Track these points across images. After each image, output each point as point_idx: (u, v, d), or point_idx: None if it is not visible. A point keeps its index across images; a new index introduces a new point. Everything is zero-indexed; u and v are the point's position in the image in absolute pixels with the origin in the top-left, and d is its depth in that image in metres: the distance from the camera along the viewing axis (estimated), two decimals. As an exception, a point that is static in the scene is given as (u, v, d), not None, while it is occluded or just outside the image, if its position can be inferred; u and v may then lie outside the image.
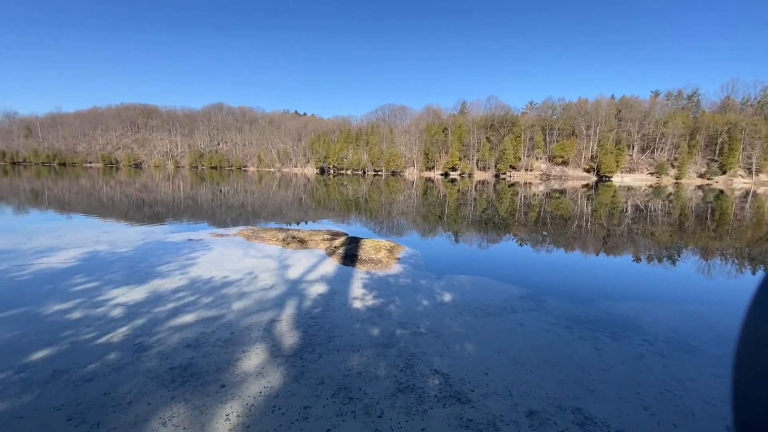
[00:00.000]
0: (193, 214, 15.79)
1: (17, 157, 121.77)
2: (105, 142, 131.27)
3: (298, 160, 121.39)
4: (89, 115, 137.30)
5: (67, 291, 5.40)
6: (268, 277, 6.34)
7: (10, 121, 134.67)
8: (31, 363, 3.47)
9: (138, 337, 4.04)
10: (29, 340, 3.91)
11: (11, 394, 2.99)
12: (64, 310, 4.70)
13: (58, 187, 29.76)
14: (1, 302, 4.91)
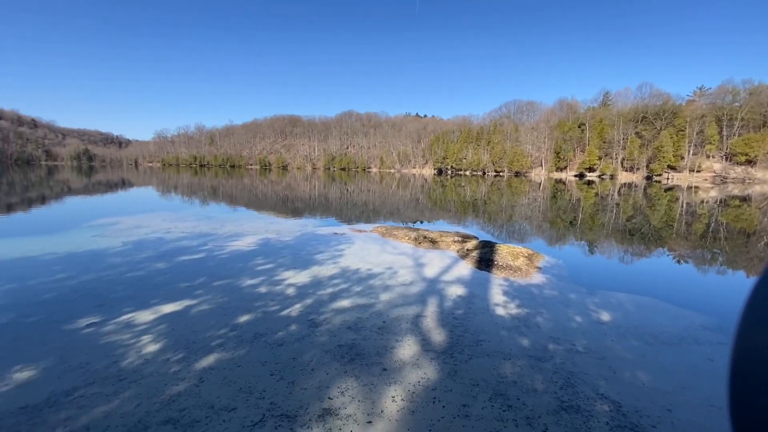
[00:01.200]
0: (324, 210, 17.79)
1: (203, 161, 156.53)
2: (261, 148, 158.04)
3: (416, 161, 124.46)
4: (251, 126, 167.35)
5: (253, 269, 6.72)
6: (407, 273, 6.69)
7: (200, 133, 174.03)
8: (239, 324, 4.44)
9: (309, 314, 4.76)
10: (235, 305, 5.01)
11: (231, 347, 3.88)
12: (254, 285, 5.86)
13: (229, 185, 37.26)
14: (214, 274, 6.41)
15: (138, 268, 6.69)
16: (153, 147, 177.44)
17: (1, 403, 2.90)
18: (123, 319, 4.49)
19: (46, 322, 4.41)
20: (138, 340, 3.97)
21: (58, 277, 6.13)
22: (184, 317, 4.58)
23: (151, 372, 3.35)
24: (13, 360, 3.54)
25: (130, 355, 3.65)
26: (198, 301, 5.14)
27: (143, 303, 5.02)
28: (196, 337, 4.05)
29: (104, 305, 4.94)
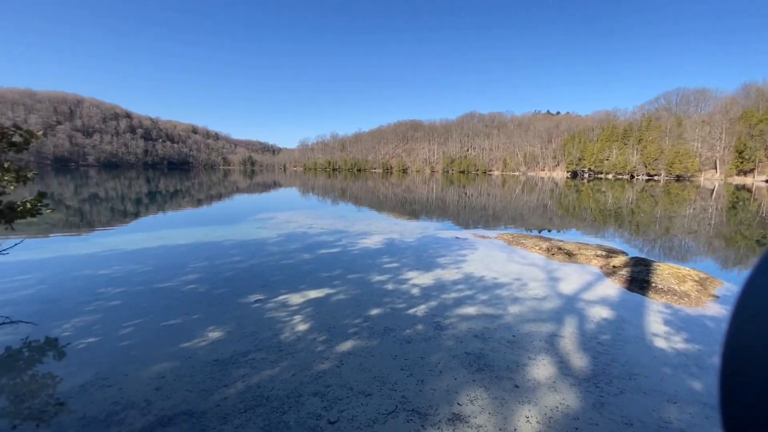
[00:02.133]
0: (441, 213, 17.71)
1: (335, 165, 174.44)
2: (384, 152, 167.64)
3: (545, 163, 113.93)
4: (376, 132, 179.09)
5: (381, 267, 7.17)
6: (539, 286, 6.18)
7: (333, 140, 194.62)
8: (371, 317, 4.78)
9: (434, 316, 4.83)
10: (367, 299, 5.42)
11: (365, 337, 4.21)
12: (382, 281, 6.25)
13: (355, 187, 40.58)
14: (348, 268, 7.08)
15: (289, 257, 7.87)
16: (297, 154, 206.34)
17: (201, 355, 3.78)
18: (280, 299, 5.34)
19: (228, 295, 5.57)
20: (291, 318, 4.67)
21: (234, 260, 7.67)
22: (325, 304, 5.18)
23: (302, 348, 3.90)
24: (208, 322, 4.58)
25: (286, 331, 4.31)
26: (336, 290, 5.75)
27: (294, 287, 5.87)
28: (335, 323, 4.54)
29: (266, 286, 5.97)
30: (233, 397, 3.04)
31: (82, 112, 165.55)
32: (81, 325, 4.44)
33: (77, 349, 3.86)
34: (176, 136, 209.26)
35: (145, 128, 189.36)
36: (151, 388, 3.15)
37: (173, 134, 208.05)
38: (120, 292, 5.64)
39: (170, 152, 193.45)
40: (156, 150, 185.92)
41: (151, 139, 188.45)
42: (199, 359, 3.65)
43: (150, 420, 2.76)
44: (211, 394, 3.08)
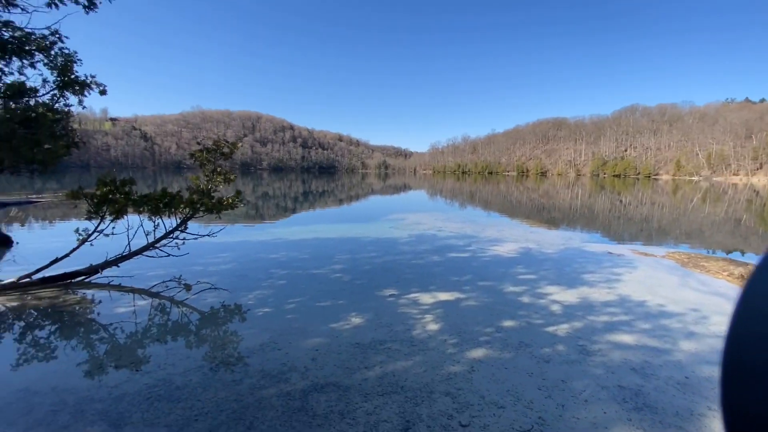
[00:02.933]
0: (588, 223, 15.41)
1: (465, 168, 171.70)
2: (520, 154, 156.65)
3: (740, 166, 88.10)
4: (512, 132, 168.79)
5: (514, 277, 6.77)
6: (726, 323, 4.85)
7: (465, 143, 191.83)
8: (504, 328, 4.58)
9: (579, 338, 4.31)
10: (500, 309, 5.21)
11: (497, 347, 4.06)
12: (517, 293, 5.90)
13: (485, 190, 39.03)
14: (479, 274, 6.93)
15: (420, 258, 8.16)
16: (428, 157, 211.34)
17: (345, 336, 4.27)
18: (412, 297, 5.61)
19: (366, 286, 6.13)
20: (423, 317, 4.85)
21: (371, 255, 8.38)
22: (455, 307, 5.20)
23: (433, 347, 4.01)
24: (351, 308, 5.14)
25: (417, 327, 4.51)
26: (466, 295, 5.70)
27: (425, 287, 6.07)
28: (466, 327, 4.51)
29: (399, 282, 6.34)
30: (372, 379, 3.36)
31: (261, 126, 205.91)
32: (260, 297, 5.57)
33: (257, 316, 4.86)
34: (326, 143, 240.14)
35: (303, 138, 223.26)
36: (308, 358, 3.73)
37: (324, 142, 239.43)
38: (285, 273, 6.83)
39: (321, 158, 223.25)
40: (310, 156, 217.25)
41: (307, 146, 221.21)
42: (344, 340, 4.14)
43: (307, 384, 3.28)
44: (354, 372, 3.47)
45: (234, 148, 7.20)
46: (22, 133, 3.98)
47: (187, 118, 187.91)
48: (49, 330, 4.48)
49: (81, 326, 4.61)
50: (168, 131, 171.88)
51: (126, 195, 6.16)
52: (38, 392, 3.12)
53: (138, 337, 4.32)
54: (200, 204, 6.77)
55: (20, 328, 4.52)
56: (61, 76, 4.32)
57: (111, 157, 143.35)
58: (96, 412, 2.85)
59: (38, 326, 4.58)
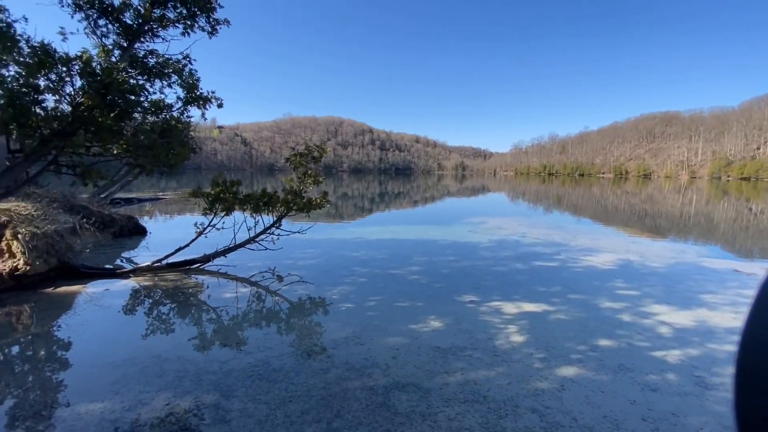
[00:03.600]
0: (702, 234, 13.06)
1: (552, 169, 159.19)
2: (618, 154, 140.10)
3: None
4: (609, 130, 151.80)
5: (612, 292, 6.10)
6: None
7: (552, 142, 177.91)
8: (599, 347, 4.15)
9: (695, 368, 3.71)
10: (594, 326, 4.74)
11: (591, 368, 3.70)
12: (615, 309, 5.30)
13: (575, 194, 35.62)
14: (569, 286, 6.39)
15: (501, 264, 7.82)
16: (509, 158, 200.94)
17: (425, 339, 4.29)
18: (493, 305, 5.40)
19: (445, 290, 6.08)
20: (506, 326, 4.64)
21: (449, 259, 8.28)
22: (542, 320, 4.88)
23: (518, 359, 3.82)
24: (429, 311, 5.14)
25: (500, 337, 4.33)
26: (555, 308, 5.30)
27: (507, 296, 5.80)
28: (555, 343, 4.20)
29: (479, 288, 6.16)
30: (453, 385, 3.32)
31: (342, 130, 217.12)
32: (342, 292, 5.89)
33: (341, 310, 5.15)
34: (403, 145, 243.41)
35: (381, 140, 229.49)
36: (389, 356, 3.84)
37: (401, 144, 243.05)
38: (365, 272, 7.11)
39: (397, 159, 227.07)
40: (387, 158, 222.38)
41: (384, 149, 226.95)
42: (424, 342, 4.17)
43: (389, 381, 3.38)
44: (434, 375, 3.48)
45: (324, 152, 7.73)
46: (161, 142, 4.82)
47: (279, 125, 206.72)
48: (171, 307, 5.32)
49: (196, 306, 5.38)
50: (263, 137, 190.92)
51: (234, 195, 7.02)
52: (167, 359, 3.73)
53: (240, 321, 4.90)
54: (293, 203, 7.40)
55: (150, 304, 5.45)
56: (190, 93, 5.11)
57: (217, 161, 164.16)
58: (210, 383, 3.30)
59: (164, 303, 5.47)
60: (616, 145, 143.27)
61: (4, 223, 6.20)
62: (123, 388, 3.20)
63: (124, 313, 5.07)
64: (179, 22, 4.90)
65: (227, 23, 5.35)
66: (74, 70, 3.82)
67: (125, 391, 3.15)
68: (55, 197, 8.07)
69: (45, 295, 5.61)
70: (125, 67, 4.17)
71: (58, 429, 2.71)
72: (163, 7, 4.74)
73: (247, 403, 3.02)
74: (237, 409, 2.94)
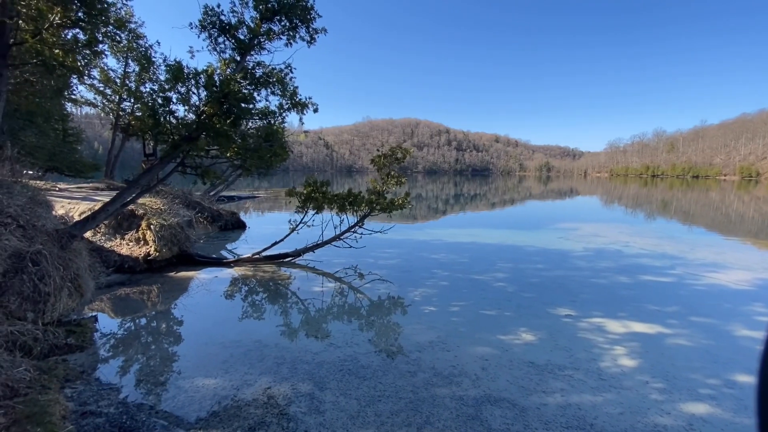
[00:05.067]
0: None
1: (656, 170, 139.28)
2: (747, 152, 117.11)
3: None
4: (734, 124, 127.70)
5: (749, 317, 5.05)
6: None
7: (658, 139, 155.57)
8: (736, 384, 3.44)
9: None
10: (727, 357, 3.96)
11: (728, 408, 3.07)
12: (754, 340, 4.37)
13: (686, 199, 30.47)
14: (689, 306, 5.46)
15: (600, 276, 7.01)
16: (603, 157, 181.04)
17: (516, 352, 4.00)
18: (594, 321, 4.84)
19: (536, 300, 5.64)
20: (611, 347, 4.12)
21: (538, 267, 7.69)
22: (657, 344, 4.22)
23: (630, 386, 3.35)
24: (519, 322, 4.80)
25: (605, 359, 3.85)
26: (673, 331, 4.56)
27: (610, 312, 5.16)
28: (676, 372, 3.60)
29: (576, 302, 5.58)
30: (553, 407, 3.03)
31: (418, 132, 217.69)
32: (424, 294, 5.82)
33: (423, 312, 5.09)
34: (481, 145, 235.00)
35: (458, 140, 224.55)
36: (478, 366, 3.66)
37: (479, 144, 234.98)
38: (446, 275, 6.95)
39: (474, 160, 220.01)
40: (464, 158, 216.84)
41: (461, 149, 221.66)
42: (515, 355, 3.90)
43: (480, 393, 3.21)
44: (530, 394, 3.21)
45: (407, 153, 7.77)
46: (266, 146, 5.30)
47: (358, 128, 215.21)
48: (267, 296, 5.80)
49: (288, 297, 5.79)
50: (343, 140, 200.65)
51: (324, 194, 7.42)
52: (267, 345, 4.05)
53: (326, 314, 5.13)
54: (377, 203, 7.57)
55: (249, 292, 6.01)
56: (291, 100, 5.53)
57: (303, 163, 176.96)
58: (304, 372, 3.49)
59: (261, 292, 5.98)
60: (743, 141, 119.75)
61: (141, 215, 7.41)
62: (231, 368, 3.55)
63: (229, 299, 5.67)
64: (283, 34, 5.34)
65: (324, 32, 5.67)
66: (201, 83, 4.41)
67: (233, 371, 3.50)
68: (177, 194, 9.42)
69: (169, 278, 6.56)
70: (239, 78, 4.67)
71: (181, 397, 3.10)
72: (269, 22, 5.21)
73: (339, 397, 3.11)
74: (330, 401, 3.05)
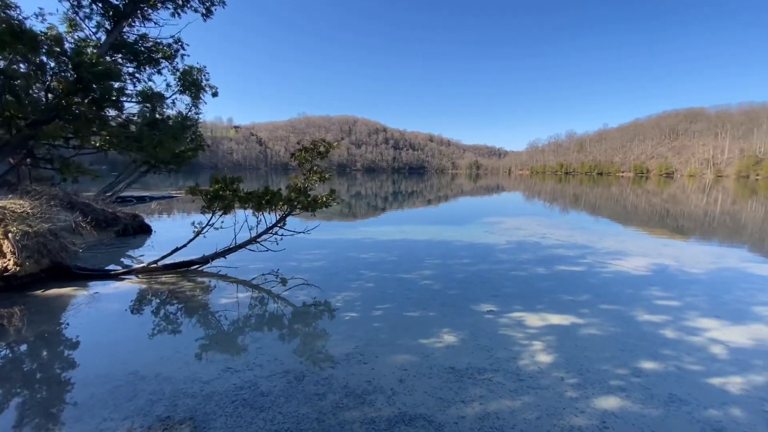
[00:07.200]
0: (729, 235, 12.05)
1: (569, 168, 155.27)
2: (639, 152, 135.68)
3: None
4: (629, 127, 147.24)
5: (649, 302, 5.42)
6: None
7: (570, 140, 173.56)
8: (643, 371, 3.52)
9: (764, 401, 3.07)
10: (633, 344, 4.10)
11: (638, 399, 3.09)
12: (655, 324, 4.64)
13: (593, 194, 34.26)
14: (599, 294, 5.74)
15: (521, 269, 7.19)
16: (525, 156, 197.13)
17: (437, 357, 3.74)
18: (514, 316, 4.81)
19: (460, 297, 5.51)
20: (530, 343, 4.05)
21: (464, 262, 7.69)
22: (572, 335, 4.27)
23: (547, 385, 3.24)
24: (443, 323, 4.59)
25: (524, 356, 3.75)
26: (585, 321, 4.68)
27: (529, 305, 5.20)
28: (589, 365, 3.60)
29: (498, 296, 5.57)
30: (471, 418, 2.78)
31: (356, 129, 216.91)
32: (348, 299, 5.39)
33: (344, 320, 4.65)
34: (416, 144, 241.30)
35: (395, 139, 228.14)
36: (396, 379, 3.31)
37: (414, 143, 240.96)
38: (374, 276, 6.60)
39: (411, 158, 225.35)
40: (401, 157, 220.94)
41: (398, 148, 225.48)
42: (436, 361, 3.63)
43: (394, 412, 2.85)
44: (448, 406, 2.93)
45: (330, 147, 7.24)
46: (148, 134, 4.43)
47: (294, 124, 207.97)
48: (159, 314, 4.92)
49: (189, 313, 4.96)
50: (278, 136, 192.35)
51: (234, 192, 6.60)
52: (144, 377, 3.29)
53: (233, 330, 4.45)
54: (297, 202, 6.95)
55: (138, 310, 5.05)
56: (182, 81, 4.70)
57: (234, 160, 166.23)
58: (186, 410, 2.84)
59: (154, 309, 5.07)
60: (636, 143, 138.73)
61: (-4, 222, 5.93)
62: (85, 415, 2.77)
63: (108, 320, 4.68)
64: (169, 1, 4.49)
65: (223, 4, 4.92)
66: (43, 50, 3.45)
67: (87, 419, 2.72)
68: (56, 194, 7.83)
69: (32, 297, 5.30)
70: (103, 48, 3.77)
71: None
72: (151, -14, 4.36)
73: (225, 438, 2.54)
74: (211, 446, 2.47)
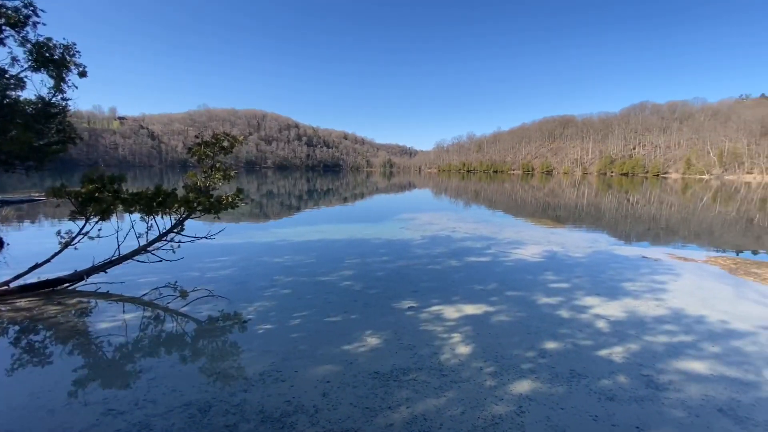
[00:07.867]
0: (593, 221, 14.65)
1: (470, 167, 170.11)
2: (526, 153, 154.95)
3: (754, 164, 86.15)
4: (518, 131, 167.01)
5: (545, 286, 6.06)
6: (811, 345, 4.11)
7: (470, 141, 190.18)
8: (548, 352, 3.87)
9: (641, 366, 3.60)
10: (537, 326, 4.49)
11: (546, 379, 3.36)
12: (552, 305, 5.18)
13: (490, 189, 38.19)
14: (504, 282, 6.23)
15: (436, 262, 7.47)
16: (433, 156, 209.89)
17: (362, 362, 3.59)
18: (433, 310, 4.92)
19: (381, 296, 5.45)
20: (450, 336, 4.16)
21: (383, 260, 7.70)
22: (486, 324, 4.51)
23: (468, 377, 3.32)
24: (365, 325, 4.46)
25: (445, 351, 3.82)
26: (495, 309, 5.01)
27: (446, 298, 5.39)
28: (503, 351, 3.82)
29: (417, 291, 5.66)
30: (399, 425, 2.68)
31: (266, 125, 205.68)
32: (261, 309, 4.91)
33: (257, 334, 4.20)
34: (331, 142, 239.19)
35: (308, 136, 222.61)
36: (318, 393, 3.06)
37: (329, 140, 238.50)
38: (290, 281, 6.17)
39: (326, 156, 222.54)
40: (315, 154, 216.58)
41: (312, 145, 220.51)
42: (360, 367, 3.47)
43: (318, 431, 2.61)
44: (375, 414, 2.79)
45: (235, 141, 6.55)
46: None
47: (193, 117, 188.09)
48: (20, 349, 3.86)
49: (58, 344, 3.97)
50: (175, 130, 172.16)
51: (114, 193, 5.53)
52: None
53: (120, 360, 3.68)
54: (197, 203, 6.13)
55: (-16, 348, 3.90)
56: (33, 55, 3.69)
57: (119, 156, 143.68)
58: (45, 476, 2.20)
59: (10, 345, 3.95)
60: (524, 144, 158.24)
61: None
62: None
63: (-73, 368, 3.49)
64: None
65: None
66: None
67: None
68: None
69: None
70: None
71: None
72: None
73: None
74: None
